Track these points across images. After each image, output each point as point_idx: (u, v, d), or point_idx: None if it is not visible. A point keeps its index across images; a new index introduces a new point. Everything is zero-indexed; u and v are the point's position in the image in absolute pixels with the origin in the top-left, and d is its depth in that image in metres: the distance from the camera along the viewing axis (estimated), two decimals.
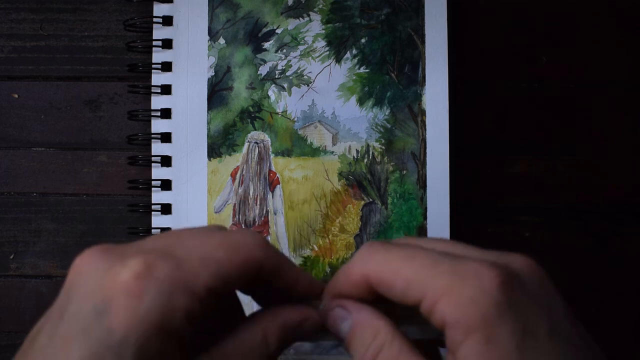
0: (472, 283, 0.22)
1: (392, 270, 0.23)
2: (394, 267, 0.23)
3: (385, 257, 0.24)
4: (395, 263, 0.23)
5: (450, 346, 0.22)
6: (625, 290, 0.47)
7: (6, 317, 0.46)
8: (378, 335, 0.24)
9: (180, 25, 0.46)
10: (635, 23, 0.48)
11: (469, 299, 0.21)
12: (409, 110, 0.46)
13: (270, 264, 0.24)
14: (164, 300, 0.20)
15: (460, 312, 0.21)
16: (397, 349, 0.23)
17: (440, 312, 0.22)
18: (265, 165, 0.46)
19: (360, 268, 0.25)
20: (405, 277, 0.23)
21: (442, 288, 0.22)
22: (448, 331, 0.22)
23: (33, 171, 0.47)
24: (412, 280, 0.23)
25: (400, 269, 0.23)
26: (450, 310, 0.22)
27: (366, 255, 0.25)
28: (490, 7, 0.48)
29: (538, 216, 0.47)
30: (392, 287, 0.23)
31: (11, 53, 0.48)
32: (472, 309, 0.21)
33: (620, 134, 0.48)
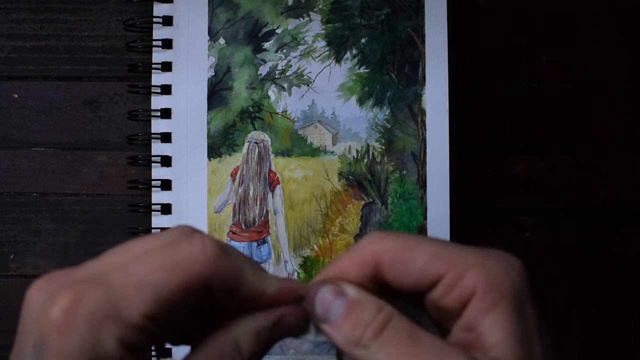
0: (501, 260, 0.23)
1: (413, 246, 0.23)
2: (414, 244, 0.23)
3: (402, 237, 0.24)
4: (415, 241, 0.23)
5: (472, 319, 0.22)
6: (625, 290, 0.47)
7: (6, 317, 0.46)
8: (384, 309, 0.22)
9: (180, 25, 0.46)
10: (635, 23, 0.48)
11: (502, 271, 0.22)
12: (409, 110, 0.46)
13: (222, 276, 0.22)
14: (93, 334, 0.20)
15: (494, 280, 0.22)
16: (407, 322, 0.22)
17: (469, 281, 0.22)
18: (265, 165, 0.46)
19: (371, 246, 0.24)
20: (430, 251, 0.23)
21: (473, 260, 0.22)
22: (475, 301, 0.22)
23: (33, 171, 0.47)
24: (437, 253, 0.23)
25: (422, 245, 0.23)
26: (483, 278, 0.22)
27: (378, 236, 0.24)
28: (490, 7, 0.48)
29: (538, 216, 0.47)
30: (412, 262, 0.23)
31: (11, 53, 0.48)
32: (506, 279, 0.22)
33: (620, 134, 0.48)
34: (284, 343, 0.44)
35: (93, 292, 0.20)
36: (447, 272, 0.22)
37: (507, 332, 0.21)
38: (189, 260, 0.21)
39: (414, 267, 0.23)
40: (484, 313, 0.22)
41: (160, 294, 0.21)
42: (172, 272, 0.21)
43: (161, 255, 0.21)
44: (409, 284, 0.23)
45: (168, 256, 0.21)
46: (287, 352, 0.44)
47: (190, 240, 0.22)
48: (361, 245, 0.24)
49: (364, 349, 0.22)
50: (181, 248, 0.22)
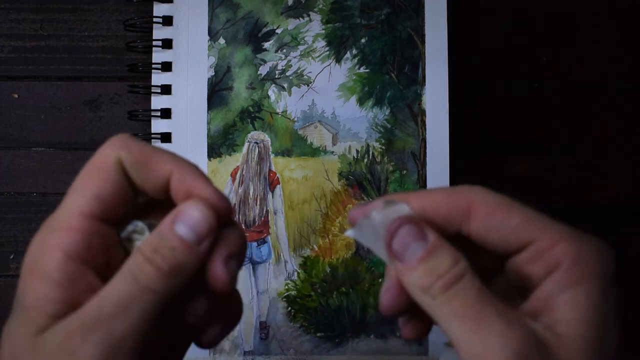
0: (594, 241, 0.23)
1: (510, 205, 0.23)
2: (511, 204, 0.23)
3: (499, 195, 0.23)
4: (512, 202, 0.23)
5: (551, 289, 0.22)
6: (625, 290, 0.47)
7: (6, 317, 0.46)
8: (460, 262, 0.21)
9: (180, 25, 0.46)
10: (635, 23, 0.48)
11: (593, 250, 0.22)
12: (409, 110, 0.46)
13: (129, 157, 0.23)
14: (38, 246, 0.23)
15: (586, 256, 0.22)
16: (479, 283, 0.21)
17: (560, 251, 0.22)
18: (265, 165, 0.46)
19: (470, 192, 0.23)
20: (526, 215, 0.23)
21: (567, 233, 0.22)
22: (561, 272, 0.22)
23: (33, 171, 0.47)
24: (532, 217, 0.23)
25: (517, 208, 0.23)
26: (575, 252, 0.22)
27: (477, 188, 0.24)
28: (490, 7, 0.48)
29: None
30: (506, 220, 0.23)
31: (11, 53, 0.48)
32: (596, 259, 0.22)
33: (620, 134, 0.48)
34: (284, 343, 0.45)
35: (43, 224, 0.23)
36: (539, 238, 0.22)
37: (582, 311, 0.21)
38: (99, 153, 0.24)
39: (507, 226, 0.23)
40: (564, 287, 0.21)
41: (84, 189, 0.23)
42: (87, 169, 0.23)
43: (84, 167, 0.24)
44: (496, 241, 0.23)
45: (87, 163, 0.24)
46: (287, 352, 0.44)
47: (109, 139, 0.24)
48: (459, 188, 0.24)
49: (430, 298, 0.21)
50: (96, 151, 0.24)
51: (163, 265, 0.21)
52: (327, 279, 0.45)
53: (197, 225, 0.22)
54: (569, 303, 0.21)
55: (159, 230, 0.22)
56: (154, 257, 0.21)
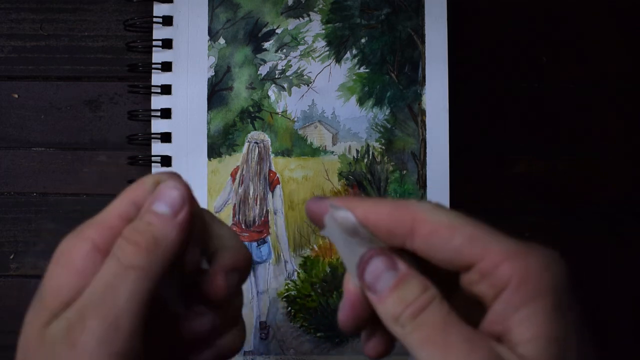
0: (543, 254, 0.22)
1: (454, 224, 0.22)
2: (457, 221, 0.22)
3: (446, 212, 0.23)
4: (458, 219, 0.23)
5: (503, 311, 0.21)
6: (625, 290, 0.47)
7: (6, 317, 0.46)
8: (428, 290, 0.22)
9: (180, 25, 0.46)
10: (635, 23, 0.48)
11: (542, 264, 0.21)
12: (409, 110, 0.46)
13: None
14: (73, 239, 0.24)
15: (532, 273, 0.21)
16: (447, 308, 0.22)
17: (505, 271, 0.21)
18: (265, 165, 0.46)
19: (413, 210, 0.23)
20: (469, 232, 0.22)
21: (512, 250, 0.22)
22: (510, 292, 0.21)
23: (33, 171, 0.47)
24: (476, 236, 0.22)
25: (464, 224, 0.22)
26: (520, 270, 0.21)
27: (422, 203, 0.23)
28: (490, 7, 0.48)
29: (538, 216, 0.47)
30: (449, 240, 0.22)
31: (11, 53, 0.48)
32: (545, 274, 0.21)
33: (620, 134, 0.48)
34: (284, 343, 0.45)
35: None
36: (482, 258, 0.22)
37: (538, 330, 0.20)
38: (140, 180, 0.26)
39: (450, 246, 0.22)
40: (515, 307, 0.21)
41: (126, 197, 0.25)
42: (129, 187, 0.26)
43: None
44: (441, 260, 0.23)
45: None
46: (287, 352, 0.44)
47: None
48: (406, 203, 0.23)
49: (400, 327, 0.22)
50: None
51: (141, 240, 0.23)
52: (327, 279, 0.45)
53: (171, 200, 0.24)
54: (523, 323, 0.21)
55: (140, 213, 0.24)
56: (132, 235, 0.23)
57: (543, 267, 0.21)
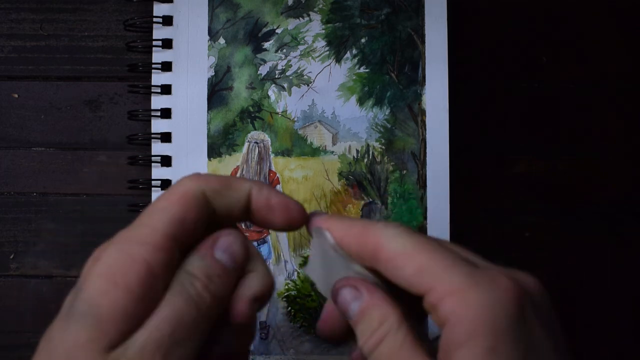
0: (488, 288, 0.21)
1: (408, 253, 0.23)
2: (411, 250, 0.23)
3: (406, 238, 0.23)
4: (414, 247, 0.23)
5: (446, 346, 0.21)
6: (625, 290, 0.47)
7: (6, 317, 0.46)
8: (385, 322, 0.23)
9: (180, 25, 0.46)
10: (635, 23, 0.48)
11: (482, 302, 0.21)
12: (409, 110, 0.46)
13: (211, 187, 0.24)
14: (121, 254, 0.22)
15: (470, 313, 0.21)
16: (401, 340, 0.22)
17: (446, 307, 0.21)
18: (265, 165, 0.46)
19: (377, 236, 0.24)
20: (419, 264, 0.22)
21: (456, 284, 0.21)
22: (449, 330, 0.21)
23: (33, 171, 0.47)
24: (425, 268, 0.22)
25: (417, 254, 0.23)
26: (459, 308, 0.21)
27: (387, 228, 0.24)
28: (490, 7, 0.48)
29: (538, 216, 0.47)
30: (402, 269, 0.23)
31: (11, 53, 0.48)
32: (484, 312, 0.21)
33: (620, 134, 0.48)
34: (284, 343, 0.45)
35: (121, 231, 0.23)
36: (430, 290, 0.22)
37: None
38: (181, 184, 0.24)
39: (403, 274, 0.23)
40: (455, 346, 0.21)
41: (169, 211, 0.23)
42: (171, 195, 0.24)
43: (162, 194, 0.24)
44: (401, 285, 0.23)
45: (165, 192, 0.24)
46: (287, 352, 0.44)
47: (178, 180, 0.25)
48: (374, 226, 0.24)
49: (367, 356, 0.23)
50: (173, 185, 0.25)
51: (216, 291, 0.23)
52: None
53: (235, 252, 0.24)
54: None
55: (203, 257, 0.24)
56: (210, 285, 0.23)
57: (481, 305, 0.21)
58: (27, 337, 0.46)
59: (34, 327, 0.46)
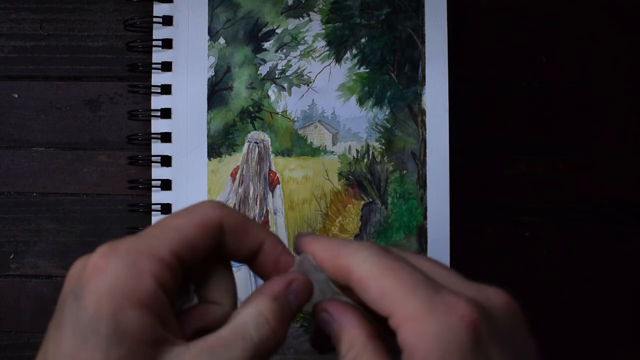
0: (442, 317, 0.21)
1: (373, 277, 0.23)
2: (377, 274, 0.23)
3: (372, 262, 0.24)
4: (380, 270, 0.23)
5: None
6: (625, 290, 0.47)
7: (6, 317, 0.46)
8: (352, 348, 0.24)
9: (180, 25, 0.46)
10: (635, 23, 0.48)
11: (433, 331, 0.21)
12: (409, 110, 0.46)
13: (230, 222, 0.25)
14: (129, 268, 0.21)
15: (421, 343, 0.21)
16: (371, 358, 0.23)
17: (402, 335, 0.22)
18: (265, 165, 0.46)
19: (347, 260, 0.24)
20: (381, 289, 0.23)
21: (411, 312, 0.22)
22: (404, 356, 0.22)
23: (33, 171, 0.47)
24: (386, 293, 0.23)
25: (382, 277, 0.23)
26: (411, 337, 0.21)
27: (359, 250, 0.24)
28: (490, 7, 0.48)
29: (538, 216, 0.47)
30: (367, 292, 0.23)
31: (11, 53, 0.48)
32: (433, 342, 0.21)
33: (620, 134, 0.48)
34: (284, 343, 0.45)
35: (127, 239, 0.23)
36: (390, 315, 0.22)
37: None
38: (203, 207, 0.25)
39: (368, 297, 0.23)
40: None
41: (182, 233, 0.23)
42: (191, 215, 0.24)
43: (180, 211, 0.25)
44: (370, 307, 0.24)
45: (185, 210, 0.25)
46: (287, 352, 0.44)
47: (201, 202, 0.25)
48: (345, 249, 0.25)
49: None
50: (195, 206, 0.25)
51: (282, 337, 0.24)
52: None
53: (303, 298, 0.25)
54: None
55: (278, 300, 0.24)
56: (278, 330, 0.24)
57: (433, 335, 0.21)
58: (27, 337, 0.46)
59: (33, 327, 0.46)
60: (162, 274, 0.22)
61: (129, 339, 0.20)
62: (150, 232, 0.23)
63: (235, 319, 0.23)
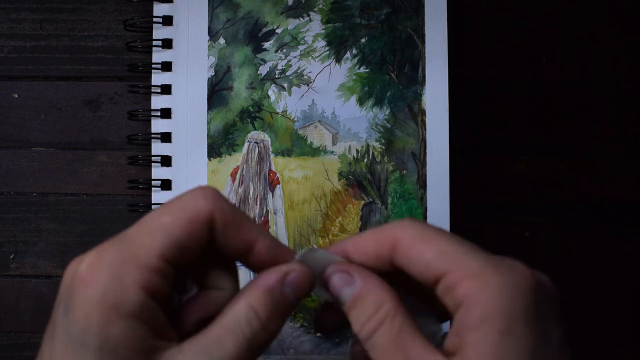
0: (506, 274, 0.22)
1: (427, 239, 0.23)
2: (431, 236, 0.23)
3: (421, 227, 0.24)
4: (432, 235, 0.23)
5: (460, 328, 0.21)
6: (625, 290, 0.47)
7: (6, 317, 0.46)
8: (381, 308, 0.23)
9: (180, 25, 0.46)
10: (635, 23, 0.48)
11: (499, 286, 0.21)
12: (409, 110, 0.46)
13: (222, 217, 0.23)
14: (116, 280, 0.21)
15: (487, 296, 0.21)
16: (398, 327, 0.22)
17: (463, 290, 0.21)
18: (265, 165, 0.46)
19: (394, 228, 0.24)
20: (440, 248, 0.23)
21: (475, 268, 0.22)
22: (463, 312, 0.21)
23: (33, 171, 0.47)
24: (445, 252, 0.23)
25: (436, 240, 0.23)
26: (477, 291, 0.21)
27: (406, 222, 0.24)
28: (490, 7, 0.48)
29: (538, 216, 0.47)
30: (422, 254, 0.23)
31: (11, 53, 0.48)
32: (501, 296, 0.21)
33: (620, 134, 0.48)
34: (284, 343, 0.45)
35: (113, 246, 0.22)
36: (448, 273, 0.22)
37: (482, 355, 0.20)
38: (192, 202, 0.23)
39: (421, 260, 0.23)
40: (468, 327, 0.21)
41: (171, 234, 0.22)
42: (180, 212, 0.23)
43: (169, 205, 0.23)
44: (417, 273, 0.23)
45: (174, 202, 0.23)
46: (287, 352, 0.44)
47: (192, 190, 0.24)
48: (386, 226, 0.25)
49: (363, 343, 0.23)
50: (185, 196, 0.23)
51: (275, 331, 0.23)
52: None
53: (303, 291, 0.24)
54: (472, 345, 0.21)
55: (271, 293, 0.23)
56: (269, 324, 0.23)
57: (498, 289, 0.21)
58: (27, 337, 0.46)
59: (33, 327, 0.46)
60: (151, 281, 0.21)
61: (120, 351, 0.20)
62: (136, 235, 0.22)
63: (227, 314, 0.23)
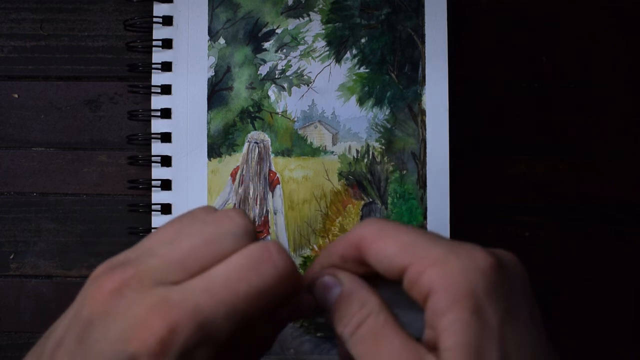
0: (466, 258, 0.22)
1: (388, 234, 0.24)
2: (391, 232, 0.24)
3: (383, 224, 0.25)
4: (392, 230, 0.24)
5: (431, 318, 0.22)
6: (625, 291, 0.47)
7: (6, 317, 0.46)
8: (365, 306, 0.24)
9: (180, 25, 0.46)
10: (635, 23, 0.48)
11: (461, 270, 0.22)
12: (409, 110, 0.46)
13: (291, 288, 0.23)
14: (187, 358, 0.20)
15: (451, 280, 0.22)
16: (382, 321, 0.23)
17: (427, 279, 0.22)
18: (265, 165, 0.46)
19: (357, 231, 0.25)
20: (400, 242, 0.23)
21: (435, 257, 0.22)
22: (432, 300, 0.22)
23: (33, 171, 0.47)
24: (407, 245, 0.23)
25: (397, 234, 0.24)
26: (440, 277, 0.22)
27: (365, 222, 0.25)
28: (490, 7, 0.48)
29: (538, 216, 0.47)
30: (384, 249, 0.24)
31: (11, 53, 0.48)
32: (464, 278, 0.22)
33: (620, 134, 0.48)
34: (284, 343, 0.45)
35: (187, 322, 0.20)
36: (409, 265, 0.23)
37: (457, 336, 0.21)
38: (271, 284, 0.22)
39: (385, 255, 0.24)
40: (440, 314, 0.22)
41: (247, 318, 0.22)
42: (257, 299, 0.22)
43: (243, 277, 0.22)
44: (383, 269, 0.24)
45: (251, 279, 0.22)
46: (287, 352, 0.44)
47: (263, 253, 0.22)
48: (353, 228, 0.25)
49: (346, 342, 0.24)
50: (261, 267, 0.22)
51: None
52: None
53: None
54: (446, 330, 0.21)
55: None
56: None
57: (462, 272, 0.22)
58: (27, 337, 0.46)
59: (33, 327, 0.46)
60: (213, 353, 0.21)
61: None
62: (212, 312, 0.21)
63: None
